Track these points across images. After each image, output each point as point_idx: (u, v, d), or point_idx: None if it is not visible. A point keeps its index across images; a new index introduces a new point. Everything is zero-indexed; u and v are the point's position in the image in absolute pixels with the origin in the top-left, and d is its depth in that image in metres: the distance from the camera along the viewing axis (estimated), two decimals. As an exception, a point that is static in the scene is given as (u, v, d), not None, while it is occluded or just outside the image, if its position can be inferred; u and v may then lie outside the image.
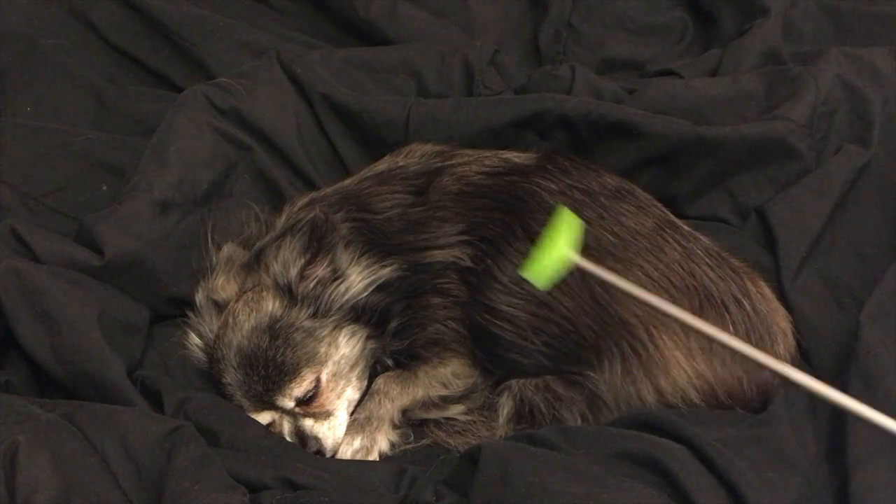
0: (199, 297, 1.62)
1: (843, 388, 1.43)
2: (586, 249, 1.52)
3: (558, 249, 1.21)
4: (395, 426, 1.58)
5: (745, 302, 1.54)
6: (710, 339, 1.45)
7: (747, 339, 1.52)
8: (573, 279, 1.52)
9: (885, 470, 1.32)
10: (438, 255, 1.58)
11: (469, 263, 1.57)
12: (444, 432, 1.58)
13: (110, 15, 2.15)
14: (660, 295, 1.51)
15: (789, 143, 1.81)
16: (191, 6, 2.17)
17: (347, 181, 1.75)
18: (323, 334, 1.54)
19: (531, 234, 1.55)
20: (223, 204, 1.78)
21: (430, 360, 1.61)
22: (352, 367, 1.57)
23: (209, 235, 1.67)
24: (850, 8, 2.22)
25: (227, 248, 1.64)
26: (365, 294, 1.55)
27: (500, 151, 1.73)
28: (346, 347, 1.56)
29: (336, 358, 1.55)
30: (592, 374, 1.51)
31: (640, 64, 2.25)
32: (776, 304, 1.63)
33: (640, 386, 1.50)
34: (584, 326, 1.51)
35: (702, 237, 1.63)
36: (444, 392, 1.59)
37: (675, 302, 1.51)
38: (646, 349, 1.50)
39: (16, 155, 1.85)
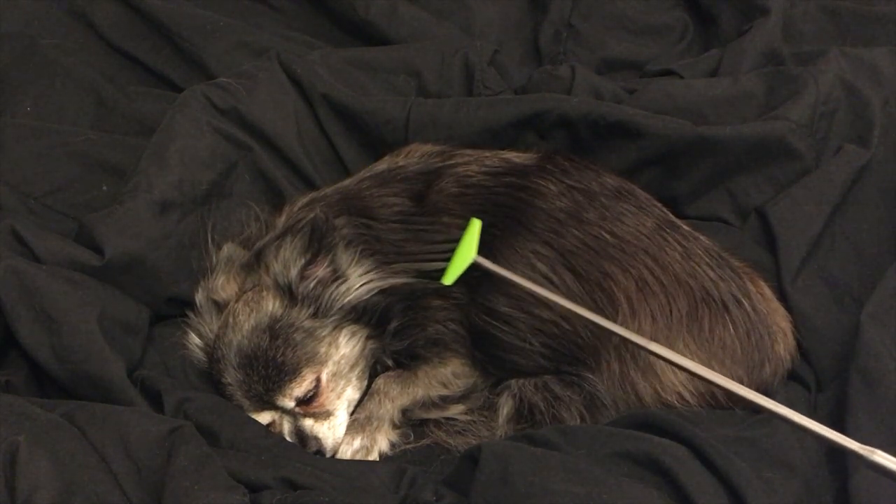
0: (199, 297, 1.62)
1: (843, 388, 1.44)
2: (587, 249, 1.53)
3: (464, 252, 1.49)
4: (395, 426, 1.58)
5: (745, 302, 1.55)
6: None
7: (747, 339, 1.53)
8: (570, 281, 1.53)
9: (885, 470, 1.32)
10: (441, 265, 1.57)
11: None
12: (444, 432, 1.58)
13: (110, 15, 2.15)
14: (661, 294, 1.52)
15: (789, 143, 1.81)
16: (191, 6, 2.17)
17: (347, 181, 1.75)
18: (323, 334, 1.54)
19: (530, 236, 1.55)
20: (223, 204, 1.78)
21: (430, 360, 1.61)
22: (352, 367, 1.57)
23: (209, 235, 1.67)
24: (850, 8, 2.22)
25: (227, 248, 1.64)
26: (366, 296, 1.55)
27: (500, 151, 1.73)
28: (346, 347, 1.56)
29: (336, 358, 1.55)
30: (590, 376, 1.51)
31: (640, 64, 2.25)
32: (776, 304, 1.63)
33: (638, 388, 1.51)
34: (581, 328, 1.51)
35: (702, 237, 1.63)
36: (444, 392, 1.59)
37: (675, 301, 1.52)
38: (643, 352, 1.50)
39: (16, 155, 1.85)
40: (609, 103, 1.89)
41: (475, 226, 1.51)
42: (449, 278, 1.49)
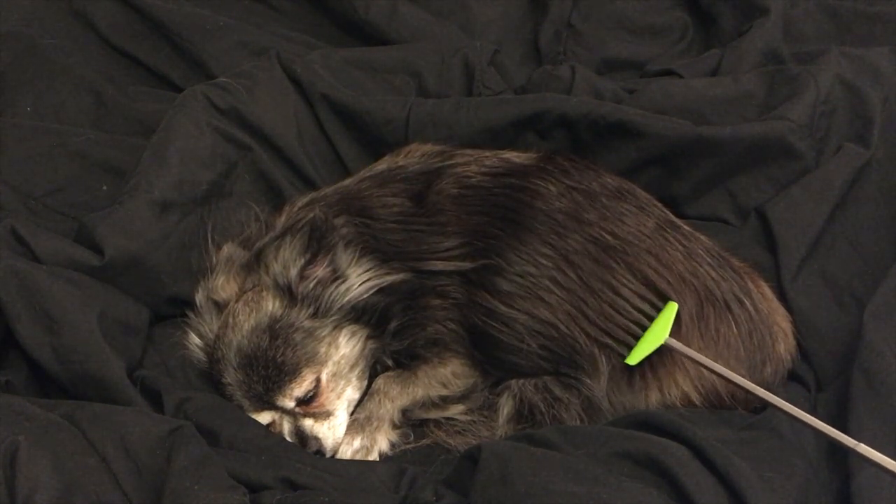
0: (199, 297, 1.62)
1: (845, 387, 1.44)
2: (590, 249, 1.53)
3: (656, 335, 1.47)
4: (395, 426, 1.58)
5: (746, 302, 1.55)
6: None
7: (749, 339, 1.53)
8: (570, 282, 1.52)
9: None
10: (440, 265, 1.58)
11: (469, 269, 1.57)
12: (444, 432, 1.58)
13: (110, 15, 2.16)
14: (670, 294, 1.51)
15: (789, 143, 1.81)
16: (191, 6, 2.17)
17: (347, 181, 1.75)
18: (323, 334, 1.54)
19: (530, 237, 1.55)
20: (223, 204, 1.78)
21: (429, 360, 1.61)
22: (352, 367, 1.57)
23: (209, 235, 1.67)
24: (850, 8, 2.22)
25: (227, 248, 1.63)
26: (366, 295, 1.55)
27: (500, 151, 1.73)
28: (346, 347, 1.56)
29: (336, 358, 1.55)
30: (588, 380, 1.51)
31: (640, 64, 2.25)
32: (776, 303, 1.63)
33: (636, 391, 1.50)
34: (579, 334, 1.51)
35: (702, 237, 1.63)
36: (444, 392, 1.59)
37: (684, 300, 1.52)
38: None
39: (16, 155, 1.85)
40: (609, 103, 1.89)
41: (671, 309, 1.48)
42: (634, 359, 1.47)
